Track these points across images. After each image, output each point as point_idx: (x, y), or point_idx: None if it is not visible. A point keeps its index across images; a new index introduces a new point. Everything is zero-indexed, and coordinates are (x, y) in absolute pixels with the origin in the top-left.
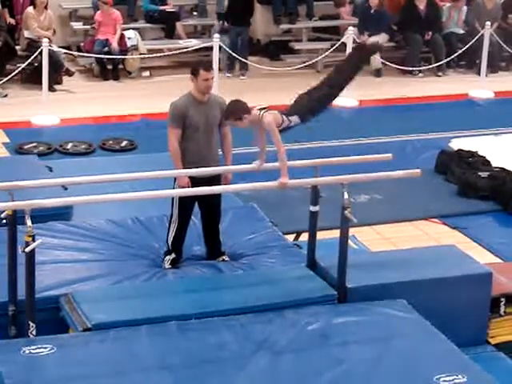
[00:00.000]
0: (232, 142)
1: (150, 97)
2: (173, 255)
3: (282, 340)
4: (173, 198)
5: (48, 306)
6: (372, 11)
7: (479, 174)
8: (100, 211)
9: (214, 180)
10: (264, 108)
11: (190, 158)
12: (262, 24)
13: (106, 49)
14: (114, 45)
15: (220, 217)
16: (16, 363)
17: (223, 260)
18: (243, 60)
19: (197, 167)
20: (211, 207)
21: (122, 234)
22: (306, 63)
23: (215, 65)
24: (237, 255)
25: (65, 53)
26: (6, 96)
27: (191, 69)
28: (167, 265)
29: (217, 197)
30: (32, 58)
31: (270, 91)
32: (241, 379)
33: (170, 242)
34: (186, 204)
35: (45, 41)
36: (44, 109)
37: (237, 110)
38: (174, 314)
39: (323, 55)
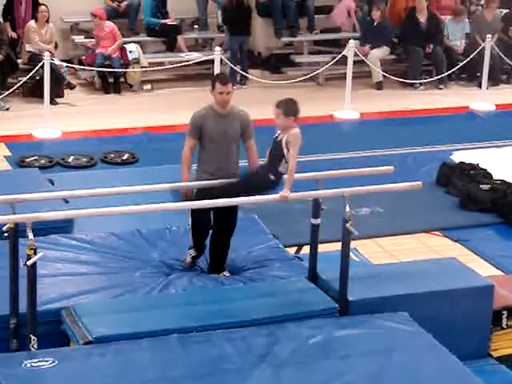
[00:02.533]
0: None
1: (152, 110)
2: (194, 250)
3: (283, 353)
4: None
5: (49, 319)
6: (375, 24)
7: (480, 186)
8: (101, 224)
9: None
10: None
11: (206, 167)
12: (262, 37)
13: (107, 62)
14: (110, 52)
15: (233, 230)
16: (17, 376)
17: (224, 276)
18: (244, 73)
19: (212, 178)
20: (225, 218)
21: (123, 247)
22: (307, 76)
23: None
24: (238, 268)
25: (66, 66)
26: (7, 109)
27: (211, 81)
28: (188, 258)
29: (233, 209)
30: (34, 71)
31: (271, 104)
32: None
33: (191, 241)
34: (198, 212)
35: (46, 54)
36: (45, 122)
37: (294, 108)
38: (176, 327)
39: (324, 68)
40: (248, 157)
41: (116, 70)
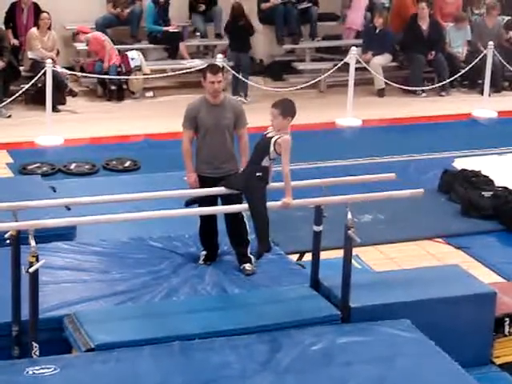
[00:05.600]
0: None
1: (154, 117)
2: (204, 252)
3: (285, 360)
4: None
5: (51, 326)
6: (377, 31)
7: (482, 193)
8: (103, 231)
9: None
10: None
11: (202, 157)
12: (264, 44)
13: (106, 70)
14: (105, 65)
15: (241, 221)
16: None
17: (244, 269)
18: (246, 81)
19: (209, 167)
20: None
21: (125, 255)
22: (309, 83)
23: None
24: (240, 275)
25: (69, 74)
26: (9, 116)
27: (202, 72)
28: (201, 260)
29: (236, 199)
30: (36, 78)
31: None
32: None
33: (200, 240)
34: (204, 203)
35: (48, 61)
36: (47, 129)
37: (291, 108)
38: (178, 335)
39: (326, 75)
40: (239, 146)
41: (118, 77)
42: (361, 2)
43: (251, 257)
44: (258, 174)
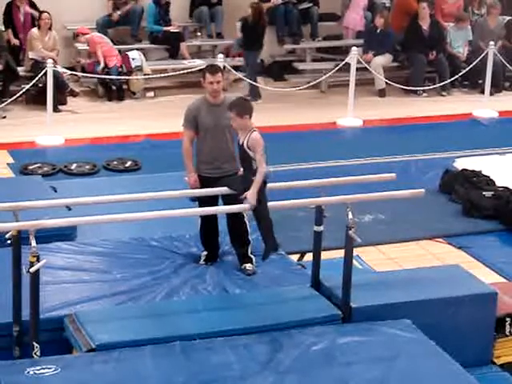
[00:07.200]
0: None
1: (155, 117)
2: (205, 252)
3: (286, 360)
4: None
5: (52, 326)
6: (378, 31)
7: (483, 193)
8: (104, 231)
9: (225, 178)
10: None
11: (202, 157)
12: (265, 44)
13: (106, 70)
14: (100, 67)
15: (242, 221)
16: None
17: (245, 269)
18: (254, 83)
19: (209, 167)
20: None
21: (126, 255)
22: (310, 83)
23: None
24: (241, 275)
25: (70, 74)
26: (4, 117)
27: (202, 72)
28: (202, 261)
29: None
30: (36, 78)
31: (273, 111)
32: None
33: (200, 240)
34: (204, 203)
35: (49, 61)
36: (48, 129)
37: (244, 107)
38: (178, 335)
39: (327, 75)
40: None
41: (118, 77)
42: (359, 2)
43: (252, 257)
44: (253, 178)
